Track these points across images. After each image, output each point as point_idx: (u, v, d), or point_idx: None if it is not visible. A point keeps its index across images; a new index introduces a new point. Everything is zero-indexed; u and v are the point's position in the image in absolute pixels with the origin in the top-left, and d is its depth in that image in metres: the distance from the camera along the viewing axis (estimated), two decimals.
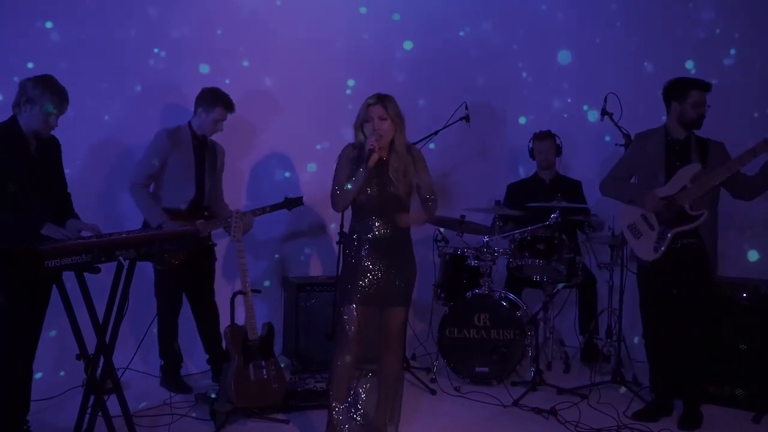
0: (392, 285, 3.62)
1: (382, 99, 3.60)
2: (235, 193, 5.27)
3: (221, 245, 5.02)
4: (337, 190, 3.60)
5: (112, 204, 4.98)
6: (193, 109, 4.64)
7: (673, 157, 4.25)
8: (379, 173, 3.62)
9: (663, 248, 4.19)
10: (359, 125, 3.64)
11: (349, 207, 3.68)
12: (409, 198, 3.69)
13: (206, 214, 4.65)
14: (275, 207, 4.92)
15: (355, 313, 3.58)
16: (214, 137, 4.76)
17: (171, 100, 5.09)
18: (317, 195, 5.36)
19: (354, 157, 3.63)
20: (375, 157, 3.54)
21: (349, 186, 3.55)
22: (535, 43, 6.26)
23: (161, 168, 4.53)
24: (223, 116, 4.60)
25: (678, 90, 4.23)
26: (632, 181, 4.47)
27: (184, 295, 4.77)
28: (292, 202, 5.02)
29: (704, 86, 4.21)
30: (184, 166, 4.57)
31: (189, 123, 4.65)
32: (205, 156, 4.68)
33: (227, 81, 5.11)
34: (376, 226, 3.62)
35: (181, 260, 4.51)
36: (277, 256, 5.68)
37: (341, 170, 3.63)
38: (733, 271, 5.11)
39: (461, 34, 6.20)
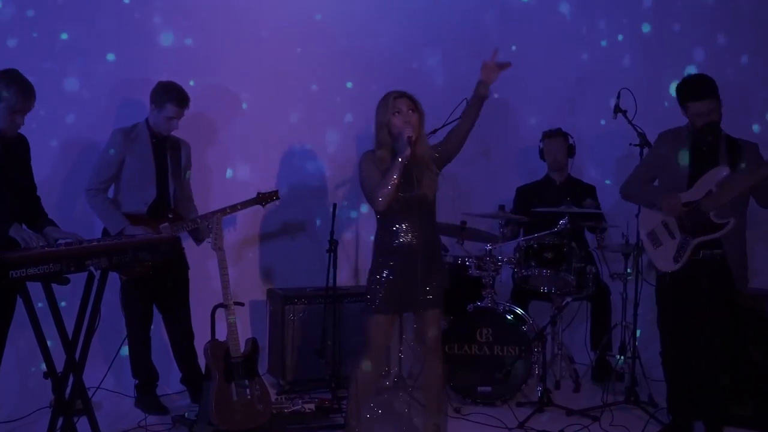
0: (422, 290, 3.77)
1: (405, 93, 3.78)
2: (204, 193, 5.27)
3: (197, 250, 4.98)
4: (376, 190, 3.68)
5: (85, 209, 4.99)
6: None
7: (698, 160, 4.23)
8: (404, 173, 3.70)
9: (684, 259, 4.19)
10: (385, 122, 3.73)
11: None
12: (435, 197, 3.84)
13: (171, 216, 4.65)
14: (246, 204, 4.91)
15: (383, 322, 3.81)
16: (177, 133, 4.75)
17: (138, 97, 5.13)
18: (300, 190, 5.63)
19: (381, 158, 3.75)
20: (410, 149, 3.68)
21: (393, 177, 3.63)
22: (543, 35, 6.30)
23: (118, 170, 4.56)
24: (176, 113, 4.58)
25: (679, 99, 4.25)
26: (655, 184, 4.47)
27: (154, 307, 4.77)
28: (266, 197, 5.01)
29: (699, 97, 4.14)
30: (141, 167, 4.59)
31: (146, 120, 4.66)
32: (167, 154, 4.69)
33: (191, 82, 5.09)
34: (403, 232, 3.78)
35: (146, 268, 4.45)
36: (261, 264, 5.70)
37: (370, 172, 3.75)
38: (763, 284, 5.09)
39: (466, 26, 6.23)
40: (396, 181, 3.63)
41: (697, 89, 4.18)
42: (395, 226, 3.78)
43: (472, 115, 3.85)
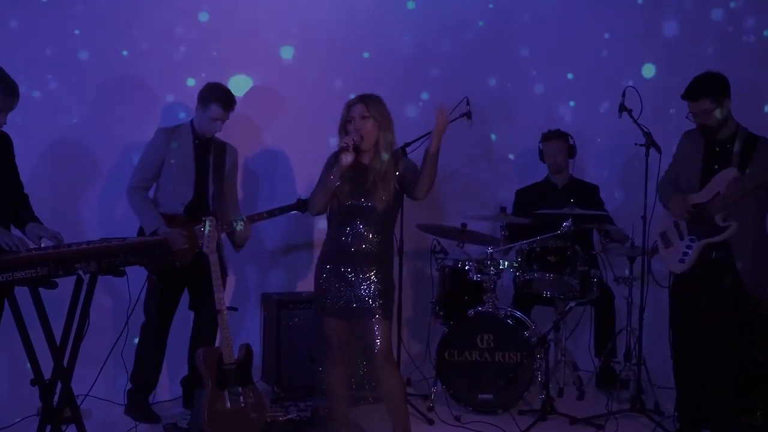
0: (365, 299, 3.79)
1: (363, 98, 3.81)
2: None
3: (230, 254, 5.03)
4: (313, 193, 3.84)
5: (73, 211, 4.99)
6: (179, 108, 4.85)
7: (711, 160, 4.24)
8: (357, 180, 3.78)
9: (690, 261, 4.21)
10: (342, 127, 3.83)
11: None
12: (387, 208, 3.82)
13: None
14: (285, 209, 4.96)
15: (332, 326, 3.86)
16: (223, 137, 4.82)
17: (140, 96, 5.14)
18: None
19: (331, 164, 3.83)
20: (347, 157, 3.68)
21: (325, 186, 3.78)
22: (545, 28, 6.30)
23: (159, 169, 4.64)
24: (221, 115, 4.65)
25: None
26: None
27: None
28: (306, 204, 5.03)
29: (687, 97, 4.18)
30: (181, 167, 4.66)
31: (191, 121, 4.75)
32: (209, 157, 4.75)
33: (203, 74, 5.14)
34: (343, 238, 3.82)
35: (177, 269, 4.52)
36: (255, 268, 5.70)
37: (321, 175, 3.85)
38: None
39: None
40: (328, 191, 3.77)
41: (688, 89, 4.21)
42: (337, 231, 3.86)
43: (425, 170, 3.74)
